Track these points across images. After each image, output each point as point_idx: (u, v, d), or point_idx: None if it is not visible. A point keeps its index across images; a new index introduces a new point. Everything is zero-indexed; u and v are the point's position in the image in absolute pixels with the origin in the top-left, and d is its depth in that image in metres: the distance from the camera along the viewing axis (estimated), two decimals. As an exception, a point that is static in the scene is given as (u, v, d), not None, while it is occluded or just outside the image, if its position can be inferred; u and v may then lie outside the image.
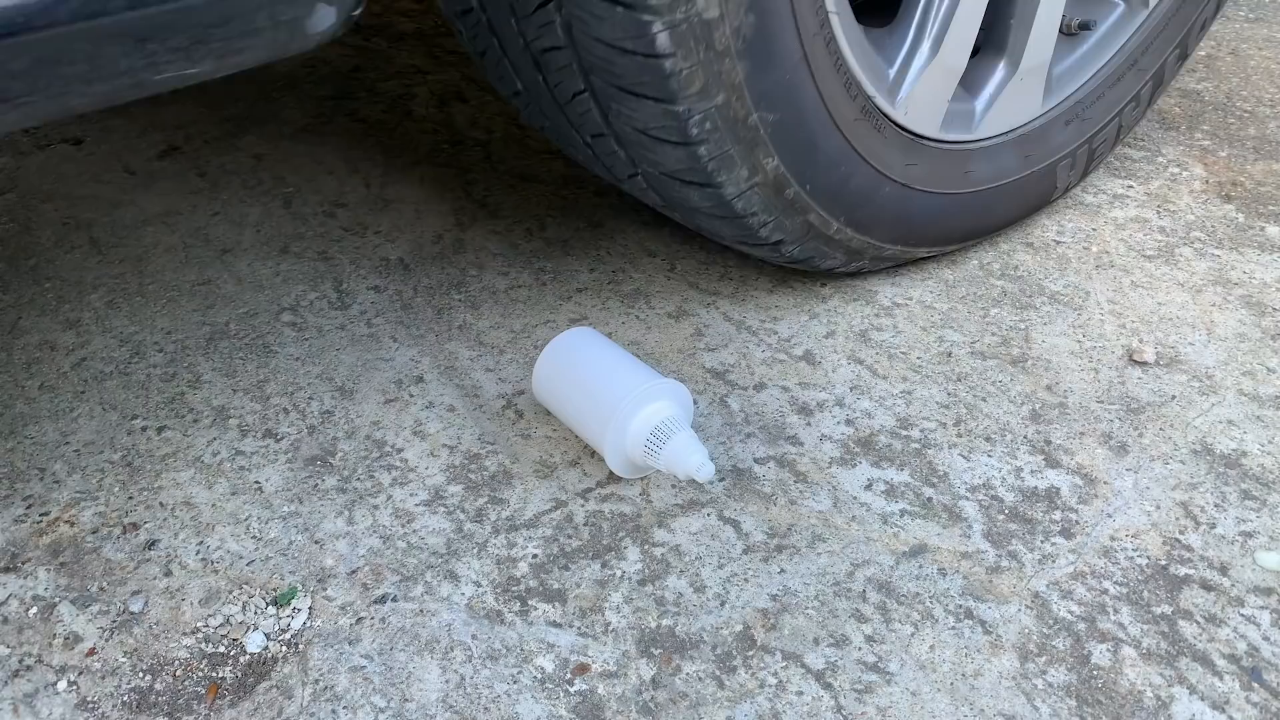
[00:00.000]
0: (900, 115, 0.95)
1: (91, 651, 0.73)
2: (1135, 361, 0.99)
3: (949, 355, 1.00)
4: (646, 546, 0.80)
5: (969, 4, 0.95)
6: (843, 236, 0.97)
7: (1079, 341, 1.02)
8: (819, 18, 0.83)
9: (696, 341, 1.01)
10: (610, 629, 0.74)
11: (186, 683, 0.71)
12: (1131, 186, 1.27)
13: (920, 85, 0.95)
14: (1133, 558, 0.80)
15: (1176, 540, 0.81)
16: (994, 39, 1.03)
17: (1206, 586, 0.77)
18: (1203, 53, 1.66)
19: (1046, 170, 1.12)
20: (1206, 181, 1.29)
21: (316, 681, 0.70)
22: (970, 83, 1.03)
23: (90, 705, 0.69)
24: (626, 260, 1.13)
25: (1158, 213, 1.22)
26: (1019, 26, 1.01)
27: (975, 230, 1.10)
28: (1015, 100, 1.04)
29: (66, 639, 0.73)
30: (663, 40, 0.74)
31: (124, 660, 0.72)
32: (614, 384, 0.83)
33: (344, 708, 0.68)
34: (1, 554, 0.79)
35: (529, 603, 0.76)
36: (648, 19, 0.73)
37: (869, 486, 0.85)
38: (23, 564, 0.79)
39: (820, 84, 0.86)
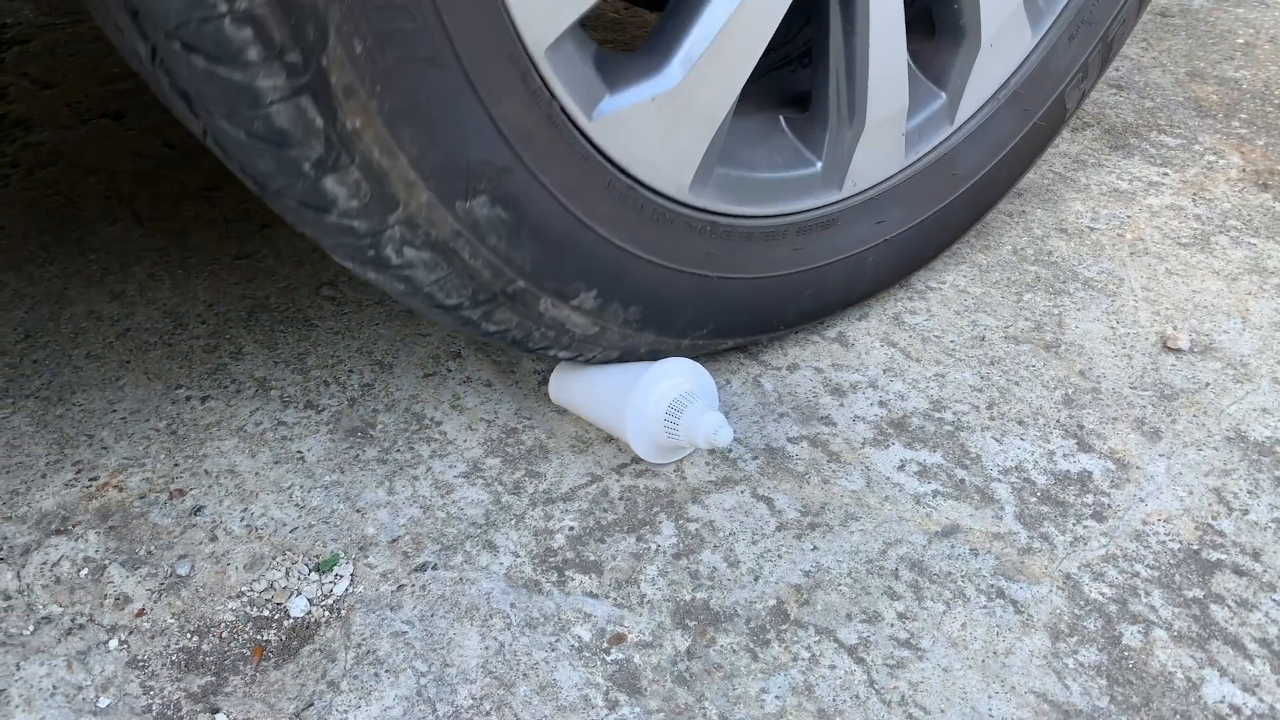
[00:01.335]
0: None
1: (141, 612, 0.75)
2: (1169, 348, 0.99)
3: (982, 339, 1.00)
4: (681, 521, 0.81)
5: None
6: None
7: (1113, 328, 1.02)
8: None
9: (730, 322, 1.02)
10: (645, 600, 0.75)
11: (232, 644, 0.73)
12: (1167, 174, 1.27)
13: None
14: (1165, 542, 0.80)
15: (1209, 526, 0.81)
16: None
17: (1239, 571, 0.78)
18: (1240, 40, 1.65)
19: None
20: (1243, 170, 1.28)
21: (359, 646, 0.72)
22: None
23: (141, 663, 0.71)
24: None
25: (1193, 200, 1.22)
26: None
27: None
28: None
29: (117, 599, 0.75)
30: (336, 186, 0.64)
31: (172, 621, 0.74)
32: (628, 371, 0.84)
33: (386, 671, 0.70)
34: (52, 517, 0.81)
35: (566, 573, 0.77)
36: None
37: (902, 467, 0.86)
38: (73, 527, 0.81)
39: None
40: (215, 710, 0.69)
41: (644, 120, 0.75)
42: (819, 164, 0.91)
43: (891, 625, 0.74)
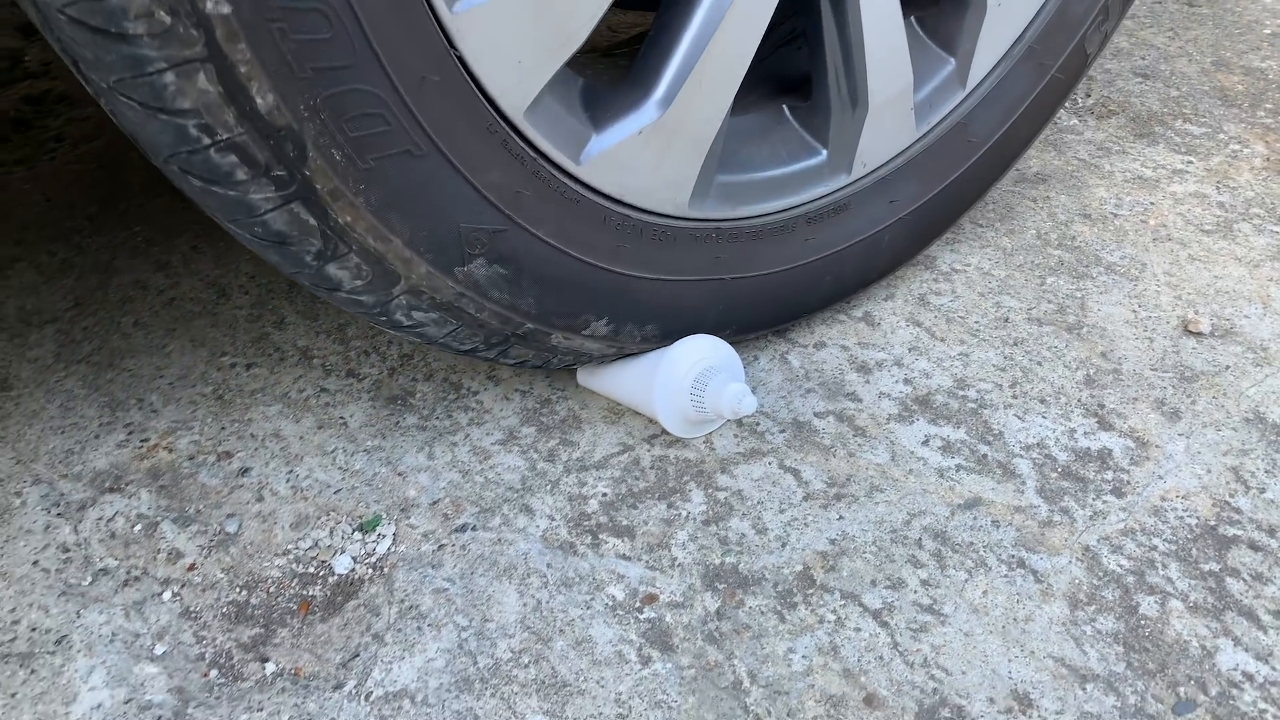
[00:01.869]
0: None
1: (192, 567, 0.78)
2: (1190, 332, 1.01)
3: (1006, 320, 1.02)
4: (710, 490, 0.84)
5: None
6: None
7: (1134, 311, 1.04)
8: None
9: (758, 300, 1.04)
10: (676, 563, 0.78)
11: (279, 599, 0.76)
12: (1191, 162, 1.28)
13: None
14: (1182, 517, 0.82)
15: (1226, 503, 0.83)
16: None
17: (1255, 547, 0.80)
18: (1267, 30, 1.65)
19: None
20: (1267, 159, 1.29)
21: (402, 601, 0.75)
22: None
23: (193, 614, 0.74)
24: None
25: (1217, 188, 1.23)
26: None
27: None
28: None
29: (169, 554, 0.79)
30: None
31: (222, 576, 0.77)
32: (652, 352, 0.86)
33: (429, 625, 0.73)
34: (106, 475, 0.85)
35: (599, 536, 0.80)
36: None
37: (926, 442, 0.88)
38: (125, 485, 0.84)
39: None
40: (265, 660, 0.72)
41: (634, 153, 0.76)
42: (825, 152, 0.90)
43: (915, 591, 0.76)
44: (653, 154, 0.77)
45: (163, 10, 0.52)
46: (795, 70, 0.93)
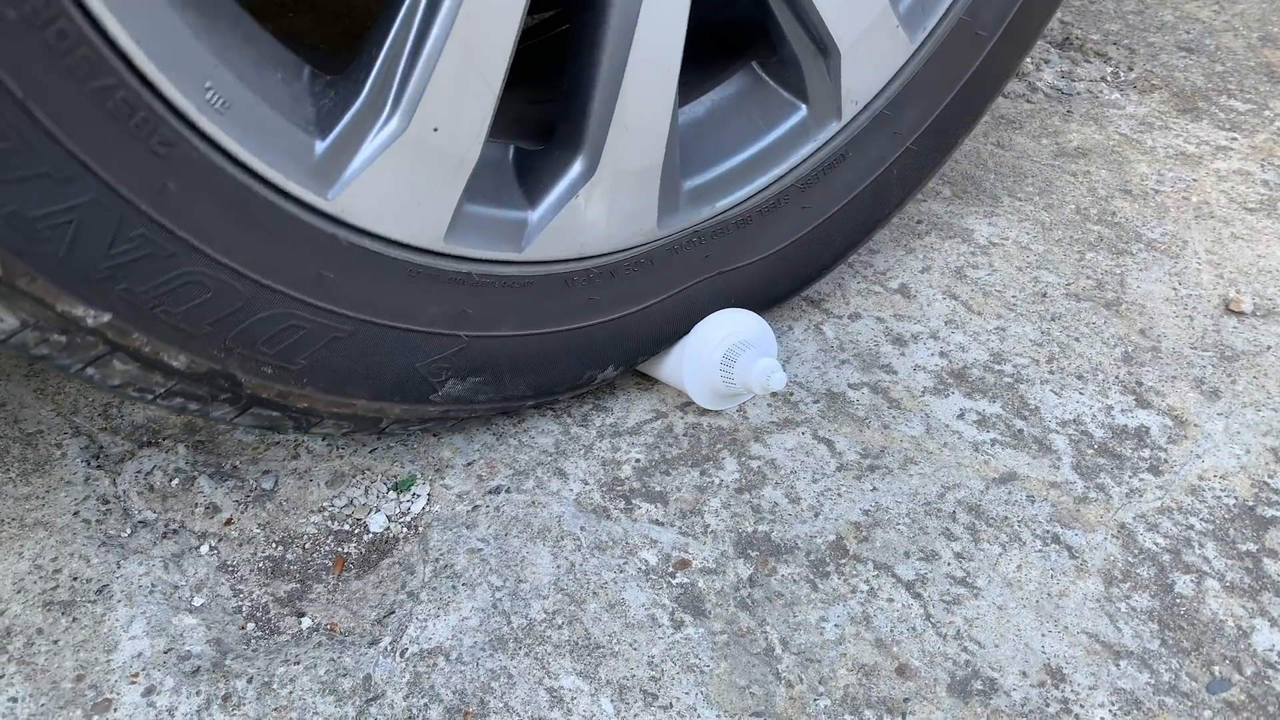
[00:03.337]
0: None
1: (229, 521, 0.79)
2: (1231, 311, 0.99)
3: (1044, 295, 1.01)
4: (743, 459, 0.84)
5: None
6: None
7: (1174, 289, 1.02)
8: None
9: (793, 270, 1.04)
10: (709, 530, 0.78)
11: (315, 555, 0.77)
12: (1235, 139, 1.26)
13: None
14: (1220, 497, 0.81)
15: (1265, 484, 0.83)
16: None
17: (1293, 528, 0.79)
18: (1317, 7, 1.61)
19: None
20: (1314, 137, 1.27)
21: (436, 560, 0.75)
22: None
23: (230, 568, 0.75)
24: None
25: (1261, 166, 1.21)
26: None
27: None
28: None
29: (206, 509, 0.79)
30: None
31: (258, 531, 0.78)
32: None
33: (463, 584, 0.74)
34: (144, 430, 0.86)
35: (633, 502, 0.80)
36: None
37: (961, 416, 0.88)
38: (163, 440, 0.85)
39: None
40: (301, 614, 0.73)
41: (579, 215, 0.74)
42: (804, 106, 0.83)
43: (948, 564, 0.76)
44: (600, 207, 0.74)
45: (56, 334, 0.59)
46: (753, 24, 0.83)
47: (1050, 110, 1.30)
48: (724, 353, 0.83)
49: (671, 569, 0.75)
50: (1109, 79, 1.37)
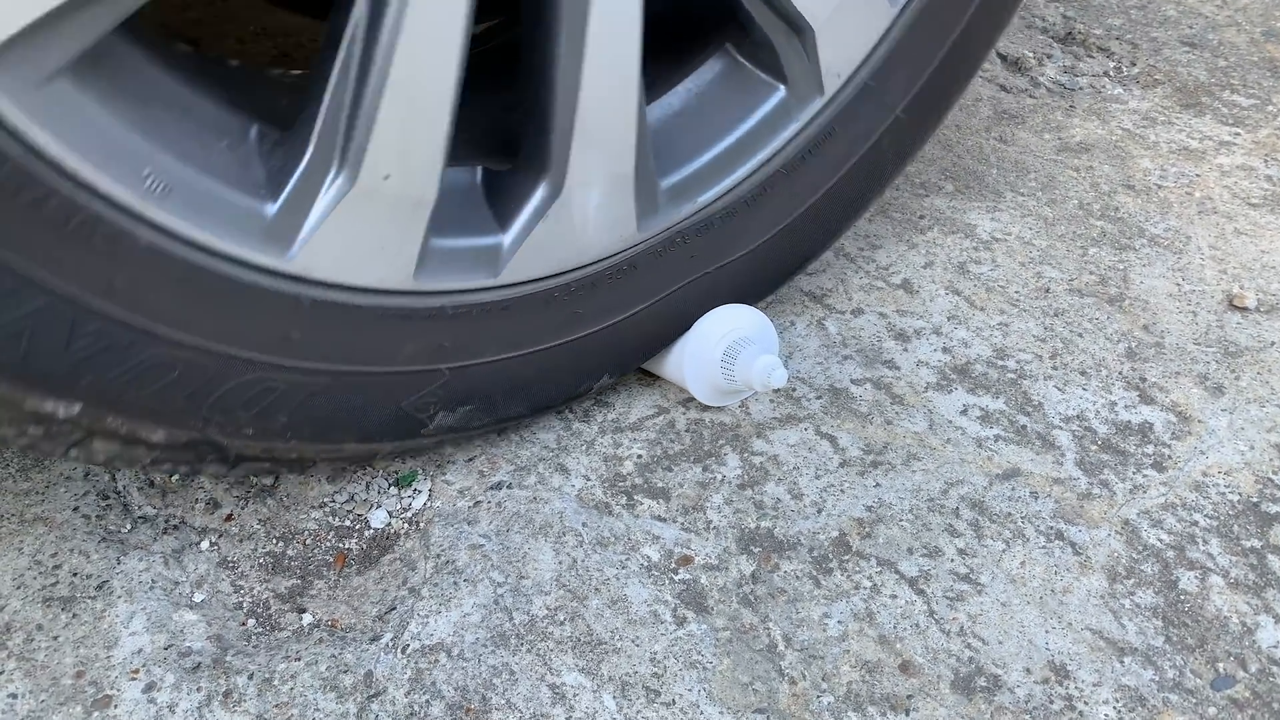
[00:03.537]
0: None
1: (230, 517, 0.78)
2: (1235, 307, 0.99)
3: (1047, 291, 1.01)
4: (746, 455, 0.83)
5: None
6: None
7: (1178, 284, 1.02)
8: None
9: (795, 265, 1.03)
10: (712, 526, 0.78)
11: (316, 551, 0.76)
12: (1239, 134, 1.25)
13: None
14: (1224, 493, 0.81)
15: (1269, 480, 0.82)
16: None
17: (1297, 525, 0.79)
18: (1320, 2, 1.61)
19: None
20: (1317, 133, 1.26)
21: (438, 556, 0.75)
22: None
23: (231, 564, 0.75)
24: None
25: (1265, 161, 1.20)
26: None
27: None
28: None
29: (206, 504, 0.79)
30: None
31: (259, 527, 0.78)
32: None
33: (465, 580, 0.73)
34: (143, 425, 0.85)
35: (635, 498, 0.79)
36: None
37: (964, 412, 0.88)
38: (163, 435, 0.84)
39: None
40: (302, 610, 0.72)
41: (556, 230, 0.72)
42: (783, 87, 0.80)
43: (951, 560, 0.76)
44: (574, 221, 0.72)
45: (32, 427, 0.59)
46: (718, 7, 0.79)
47: (1053, 105, 1.29)
48: (725, 349, 0.83)
49: (674, 565, 0.75)
50: (1112, 74, 1.36)
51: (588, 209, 0.72)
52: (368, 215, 0.63)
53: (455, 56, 0.62)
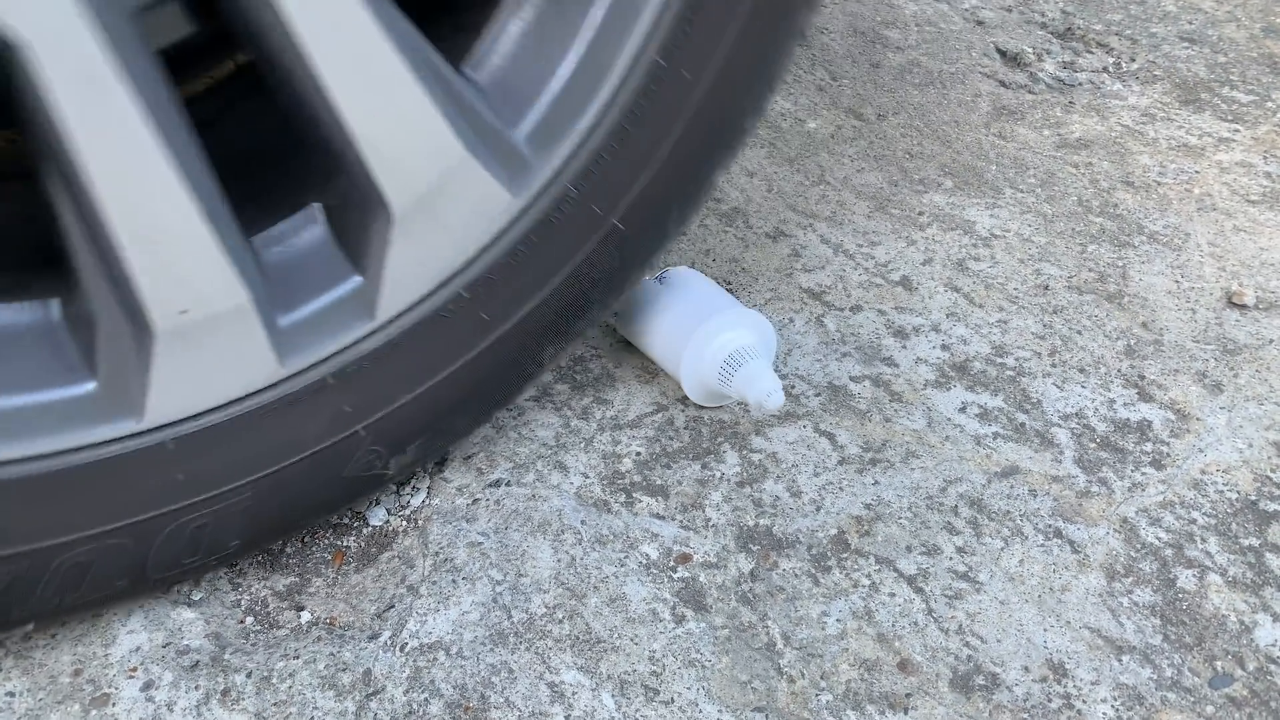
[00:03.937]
0: None
1: (227, 514, 0.78)
2: (1234, 304, 0.99)
3: (1045, 288, 1.01)
4: (744, 452, 0.83)
5: None
6: None
7: (1177, 281, 1.02)
8: None
9: (794, 262, 1.03)
10: (710, 524, 0.78)
11: (314, 549, 0.76)
12: (1238, 130, 1.25)
13: None
14: (1223, 491, 0.81)
15: (1268, 478, 0.82)
16: None
17: (1295, 523, 0.79)
18: (1319, -3, 1.61)
19: None
20: (1316, 129, 1.26)
21: (436, 554, 0.75)
22: None
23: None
24: (725, 179, 1.15)
25: (1264, 158, 1.20)
26: None
27: None
28: None
29: (204, 502, 0.79)
30: None
31: (257, 524, 0.77)
32: (693, 313, 0.84)
33: (463, 578, 0.73)
34: (141, 422, 0.85)
35: (633, 495, 0.79)
36: None
37: (963, 409, 0.88)
38: (161, 432, 0.84)
39: None
40: (300, 608, 0.72)
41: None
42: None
43: (950, 558, 0.76)
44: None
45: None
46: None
47: (1052, 101, 1.29)
48: (728, 355, 0.81)
49: (673, 563, 0.75)
50: (1111, 70, 1.36)
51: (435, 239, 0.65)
52: (195, 350, 0.58)
53: (169, 176, 0.54)
